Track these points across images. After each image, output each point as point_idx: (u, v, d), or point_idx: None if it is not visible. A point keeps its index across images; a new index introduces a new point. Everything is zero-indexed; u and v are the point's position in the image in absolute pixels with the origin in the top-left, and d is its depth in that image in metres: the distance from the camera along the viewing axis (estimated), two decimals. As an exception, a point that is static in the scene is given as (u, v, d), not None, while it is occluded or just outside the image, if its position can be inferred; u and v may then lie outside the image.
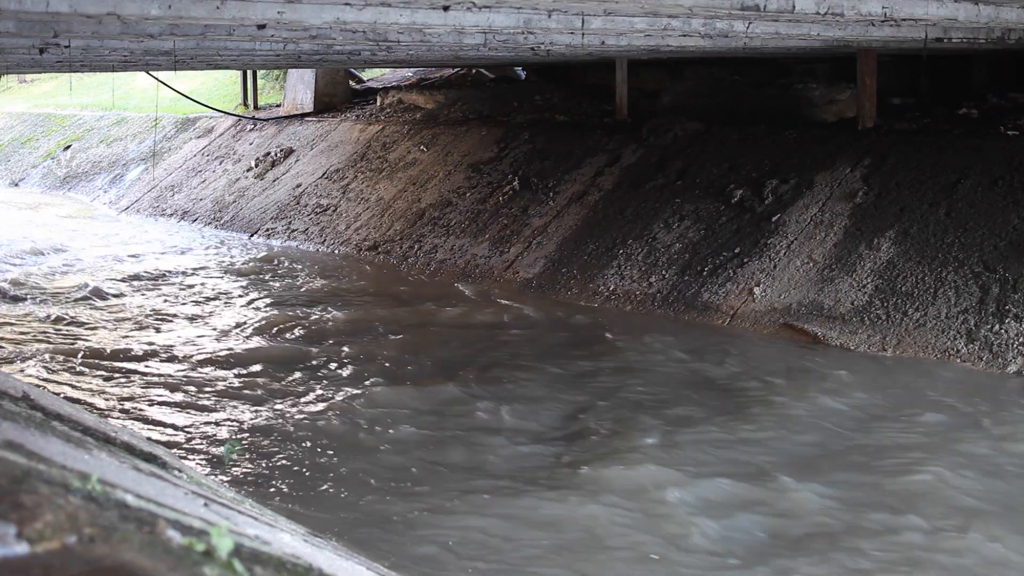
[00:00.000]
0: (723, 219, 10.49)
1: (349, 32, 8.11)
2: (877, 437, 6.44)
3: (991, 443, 6.28)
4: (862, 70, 11.36)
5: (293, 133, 17.60)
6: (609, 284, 10.38)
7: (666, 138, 12.32)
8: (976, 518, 5.18)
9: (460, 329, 9.54)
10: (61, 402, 3.63)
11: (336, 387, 7.76)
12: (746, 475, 5.82)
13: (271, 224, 15.08)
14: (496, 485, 5.77)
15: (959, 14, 7.46)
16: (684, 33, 8.26)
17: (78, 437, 2.45)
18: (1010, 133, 10.06)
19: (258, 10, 6.24)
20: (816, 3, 6.65)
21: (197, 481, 2.83)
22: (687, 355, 8.38)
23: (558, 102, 15.49)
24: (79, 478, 1.50)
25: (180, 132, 20.30)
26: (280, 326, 9.68)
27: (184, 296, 11.36)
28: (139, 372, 8.19)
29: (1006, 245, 8.49)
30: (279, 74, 20.88)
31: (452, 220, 12.91)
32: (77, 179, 20.93)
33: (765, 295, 9.25)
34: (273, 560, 1.54)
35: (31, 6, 5.46)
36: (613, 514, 5.33)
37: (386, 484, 5.83)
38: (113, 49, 9.29)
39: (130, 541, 1.17)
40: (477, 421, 6.91)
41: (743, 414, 6.87)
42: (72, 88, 25.57)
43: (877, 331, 8.32)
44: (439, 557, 4.91)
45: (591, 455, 6.17)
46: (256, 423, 6.97)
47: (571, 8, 6.74)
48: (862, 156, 10.44)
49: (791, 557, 4.87)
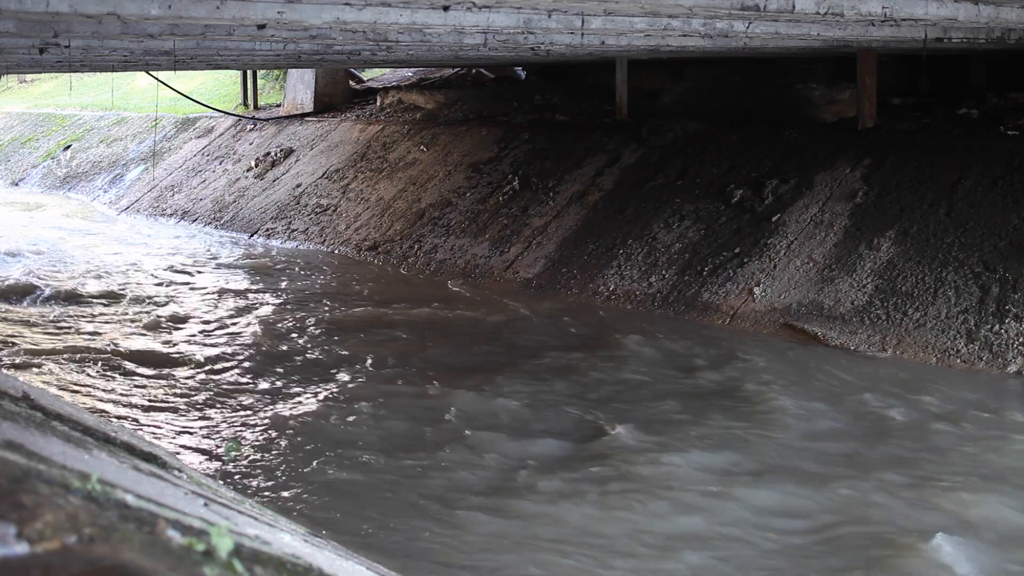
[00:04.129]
0: (723, 219, 10.49)
1: (349, 32, 8.11)
2: (877, 437, 6.44)
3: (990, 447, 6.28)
4: (862, 70, 11.36)
5: (293, 133, 17.60)
6: (609, 284, 10.38)
7: (666, 138, 12.31)
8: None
9: (460, 329, 9.54)
10: (61, 402, 3.63)
11: (336, 387, 7.76)
12: (744, 476, 5.82)
13: (271, 224, 15.07)
14: (496, 484, 5.77)
15: (959, 14, 7.45)
16: (684, 33, 8.25)
17: (78, 437, 2.45)
18: (1010, 133, 10.06)
19: (258, 10, 6.23)
20: (816, 3, 6.64)
21: (197, 481, 2.83)
22: (687, 355, 8.37)
23: (558, 102, 15.49)
24: (79, 478, 1.50)
25: (180, 132, 20.30)
26: (280, 326, 9.68)
27: (183, 296, 11.36)
28: (138, 372, 8.19)
29: (1006, 245, 8.49)
30: (279, 74, 20.88)
31: (452, 220, 12.91)
32: (77, 179, 20.93)
33: (765, 295, 9.25)
34: (273, 560, 1.54)
35: (31, 6, 5.45)
36: (610, 515, 5.33)
37: (386, 483, 5.83)
38: (113, 49, 9.29)
39: (130, 541, 1.17)
40: (477, 421, 6.90)
41: (743, 415, 6.87)
42: (72, 88, 25.57)
43: (877, 331, 8.32)
44: (439, 555, 4.92)
45: (590, 455, 6.17)
46: (256, 423, 6.96)
47: (571, 8, 6.74)
48: (862, 156, 10.44)
49: (792, 557, 4.87)
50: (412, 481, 5.86)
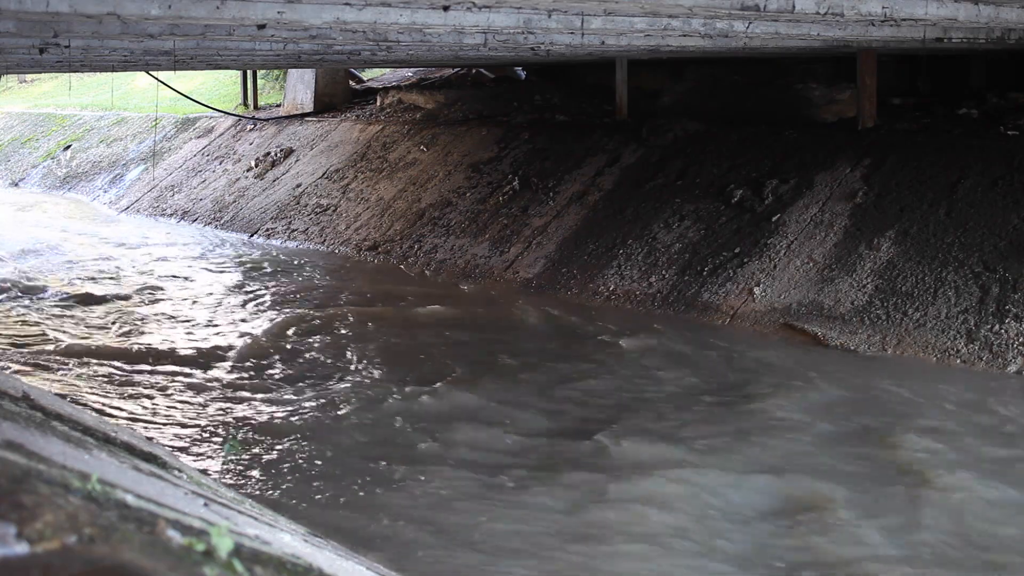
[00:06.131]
0: (723, 219, 10.49)
1: (349, 32, 8.11)
2: (877, 438, 6.44)
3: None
4: (862, 70, 11.36)
5: (293, 133, 17.60)
6: (609, 284, 10.38)
7: (666, 138, 12.31)
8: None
9: (460, 329, 9.53)
10: (61, 402, 3.62)
11: (336, 387, 7.76)
12: (744, 476, 5.82)
13: (271, 224, 15.07)
14: (495, 483, 5.77)
15: (959, 14, 7.46)
16: (684, 33, 8.25)
17: (78, 437, 2.45)
18: (1010, 133, 10.06)
19: (258, 10, 6.23)
20: (816, 3, 6.64)
21: (197, 481, 2.83)
22: (687, 355, 8.37)
23: (558, 102, 15.49)
24: (79, 478, 1.50)
25: (180, 132, 20.30)
26: (279, 326, 9.68)
27: (183, 296, 11.37)
28: (138, 372, 8.19)
29: (1006, 245, 8.49)
30: (279, 74, 20.87)
31: (452, 220, 12.91)
32: (77, 179, 20.93)
33: (765, 295, 9.25)
34: (273, 560, 1.54)
35: (31, 6, 5.45)
36: (607, 515, 5.33)
37: (385, 483, 5.83)
38: (113, 49, 9.29)
39: (130, 541, 1.17)
40: (477, 421, 6.90)
41: (742, 414, 6.87)
42: (72, 88, 25.56)
43: (877, 331, 8.32)
44: (437, 553, 4.92)
45: (589, 455, 6.17)
46: (256, 422, 6.97)
47: (571, 8, 6.74)
48: (862, 156, 10.44)
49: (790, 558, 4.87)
50: (411, 480, 5.86)
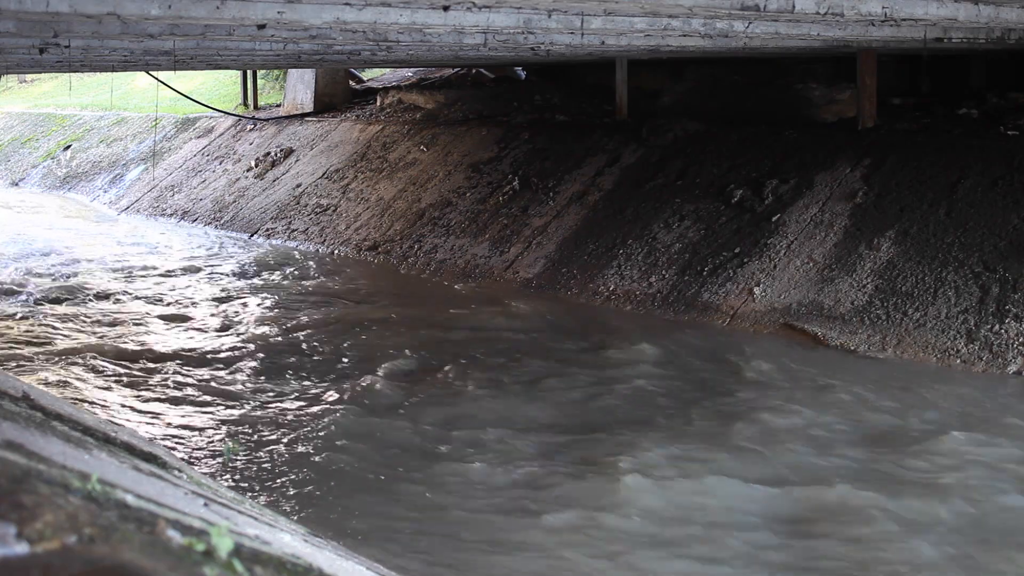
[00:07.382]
0: (723, 219, 10.49)
1: (349, 32, 8.11)
2: (877, 438, 6.44)
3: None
4: (862, 70, 11.36)
5: (293, 133, 17.60)
6: (609, 284, 10.38)
7: (666, 138, 12.31)
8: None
9: (460, 329, 9.53)
10: (61, 402, 3.63)
11: (336, 387, 7.75)
12: (743, 478, 5.82)
13: (271, 224, 15.07)
14: (494, 482, 5.77)
15: (959, 14, 7.45)
16: (684, 33, 8.25)
17: (78, 437, 2.45)
18: (1010, 133, 10.06)
19: (258, 10, 6.23)
20: (816, 3, 6.64)
21: (197, 481, 2.83)
22: (687, 355, 8.37)
23: (558, 102, 15.49)
24: (79, 478, 1.50)
25: (180, 132, 20.29)
26: (280, 326, 9.68)
27: (183, 296, 11.37)
28: (138, 372, 8.19)
29: (1006, 245, 8.49)
30: (279, 74, 20.87)
31: (452, 220, 12.91)
32: (77, 179, 20.92)
33: (765, 295, 9.25)
34: (273, 560, 1.54)
35: (31, 6, 5.45)
36: (605, 516, 5.33)
37: (385, 482, 5.83)
38: (113, 49, 9.29)
39: (130, 541, 1.17)
40: (476, 420, 6.90)
41: (742, 414, 6.87)
42: (72, 88, 25.55)
43: (877, 331, 8.32)
44: (437, 552, 4.92)
45: (589, 454, 6.17)
46: (256, 422, 6.96)
47: (571, 8, 6.73)
48: (862, 156, 10.44)
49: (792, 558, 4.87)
50: (410, 479, 5.85)
